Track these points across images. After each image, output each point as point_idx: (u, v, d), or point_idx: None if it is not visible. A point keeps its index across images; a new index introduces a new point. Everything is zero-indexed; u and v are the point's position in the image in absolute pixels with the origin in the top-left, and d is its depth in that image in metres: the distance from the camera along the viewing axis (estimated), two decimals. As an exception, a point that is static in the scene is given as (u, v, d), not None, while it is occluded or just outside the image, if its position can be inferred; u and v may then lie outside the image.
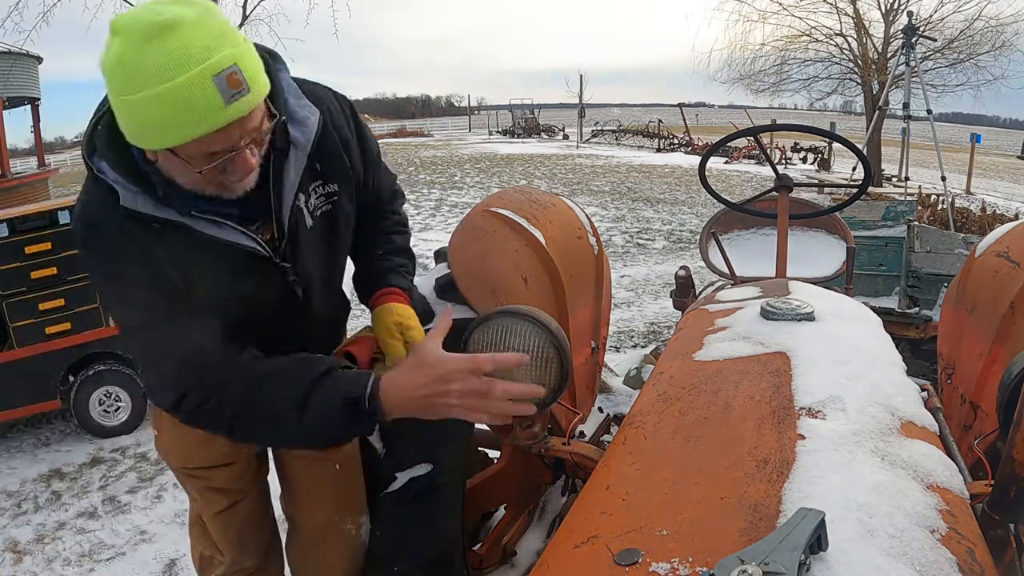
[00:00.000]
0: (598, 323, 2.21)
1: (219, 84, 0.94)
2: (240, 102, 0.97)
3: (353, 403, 1.07)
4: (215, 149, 1.00)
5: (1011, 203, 13.08)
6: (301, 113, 1.20)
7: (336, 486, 1.58)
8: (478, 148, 27.13)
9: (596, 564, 0.85)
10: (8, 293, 3.60)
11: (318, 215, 1.29)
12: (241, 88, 0.96)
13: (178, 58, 0.92)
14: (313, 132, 1.20)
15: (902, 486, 0.91)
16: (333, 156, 1.27)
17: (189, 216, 1.09)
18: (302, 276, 1.28)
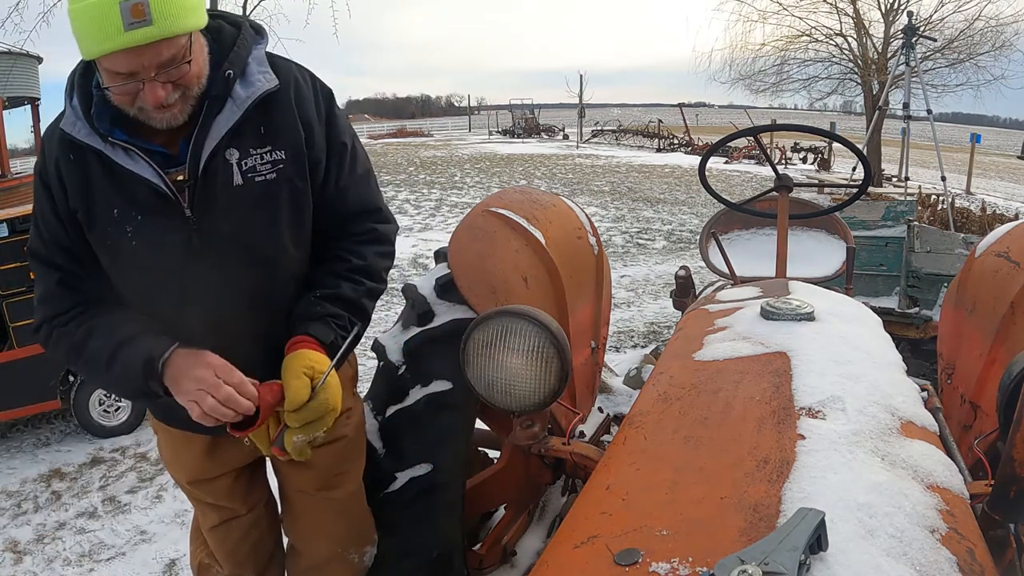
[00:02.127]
0: (598, 323, 2.21)
1: (123, 8, 1.02)
2: (138, 32, 1.04)
3: (150, 362, 1.19)
4: (119, 70, 1.09)
5: (1011, 203, 13.08)
6: (254, 76, 1.24)
7: (341, 521, 1.54)
8: (478, 148, 27.12)
9: (596, 564, 0.85)
10: (8, 293, 3.60)
11: (255, 179, 1.25)
12: (143, 19, 1.03)
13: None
14: (258, 92, 1.23)
15: (902, 486, 0.91)
16: (285, 125, 1.27)
17: (108, 143, 1.18)
18: (210, 232, 1.23)
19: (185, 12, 1.09)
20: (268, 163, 1.25)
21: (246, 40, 1.25)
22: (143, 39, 1.05)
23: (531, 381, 1.23)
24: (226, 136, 1.20)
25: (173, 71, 1.12)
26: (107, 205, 1.21)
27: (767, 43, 15.93)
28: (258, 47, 1.27)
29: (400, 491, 1.59)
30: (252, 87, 1.23)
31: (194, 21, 1.12)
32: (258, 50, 1.27)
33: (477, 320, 1.25)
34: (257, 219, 1.26)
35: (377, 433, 1.67)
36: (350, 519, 1.55)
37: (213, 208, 1.22)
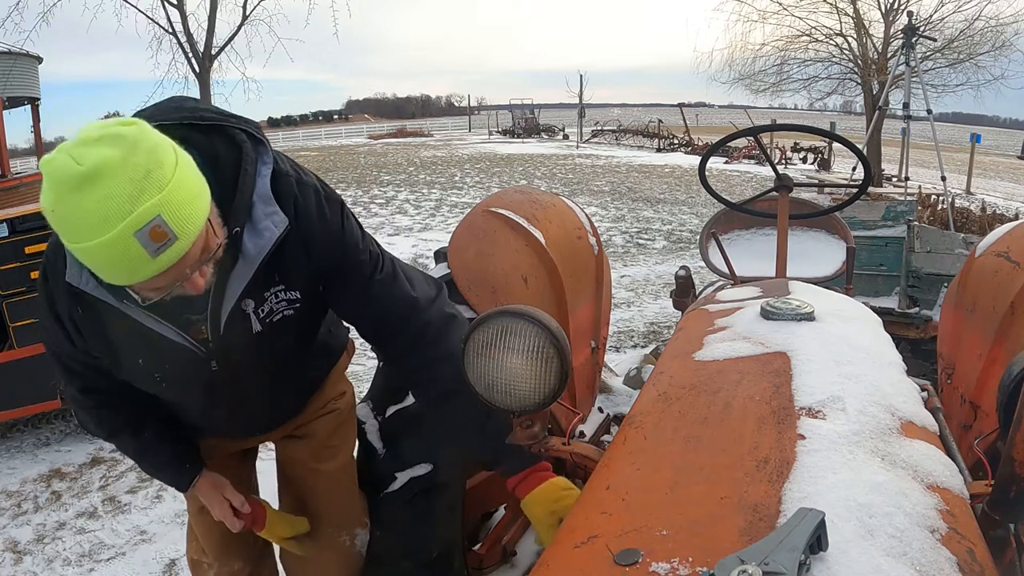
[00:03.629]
0: (598, 323, 2.21)
1: (142, 239, 0.91)
2: (167, 252, 0.94)
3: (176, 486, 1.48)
4: (159, 286, 1.00)
5: (1011, 203, 13.08)
6: (263, 223, 1.16)
7: (331, 497, 1.58)
8: (478, 148, 27.12)
9: (596, 564, 0.85)
10: (8, 293, 3.60)
11: (273, 320, 1.27)
12: (166, 239, 0.93)
13: (102, 214, 0.89)
14: (268, 245, 1.16)
15: (902, 486, 0.91)
16: (297, 265, 1.24)
17: (122, 303, 1.12)
18: (235, 370, 1.30)
19: (199, 204, 0.99)
20: (284, 302, 1.27)
21: (248, 174, 1.15)
22: (176, 257, 0.96)
23: (531, 381, 1.23)
24: (242, 292, 1.20)
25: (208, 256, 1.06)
26: (131, 355, 1.21)
27: (767, 43, 15.94)
28: (261, 177, 1.17)
29: (400, 491, 1.59)
30: (262, 239, 1.16)
31: (206, 203, 1.02)
32: (262, 182, 1.17)
33: (477, 320, 1.25)
34: (279, 349, 1.33)
35: (377, 433, 1.67)
36: (340, 495, 1.58)
37: (236, 354, 1.27)
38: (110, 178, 0.89)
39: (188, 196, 0.96)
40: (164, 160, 0.94)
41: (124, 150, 0.90)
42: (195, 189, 0.99)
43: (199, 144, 1.09)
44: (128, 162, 0.90)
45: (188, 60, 7.58)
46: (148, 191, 0.90)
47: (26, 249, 3.57)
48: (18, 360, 3.64)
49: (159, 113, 1.11)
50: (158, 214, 0.91)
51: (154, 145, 0.94)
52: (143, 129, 0.94)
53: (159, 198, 0.91)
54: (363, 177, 17.59)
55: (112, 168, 0.89)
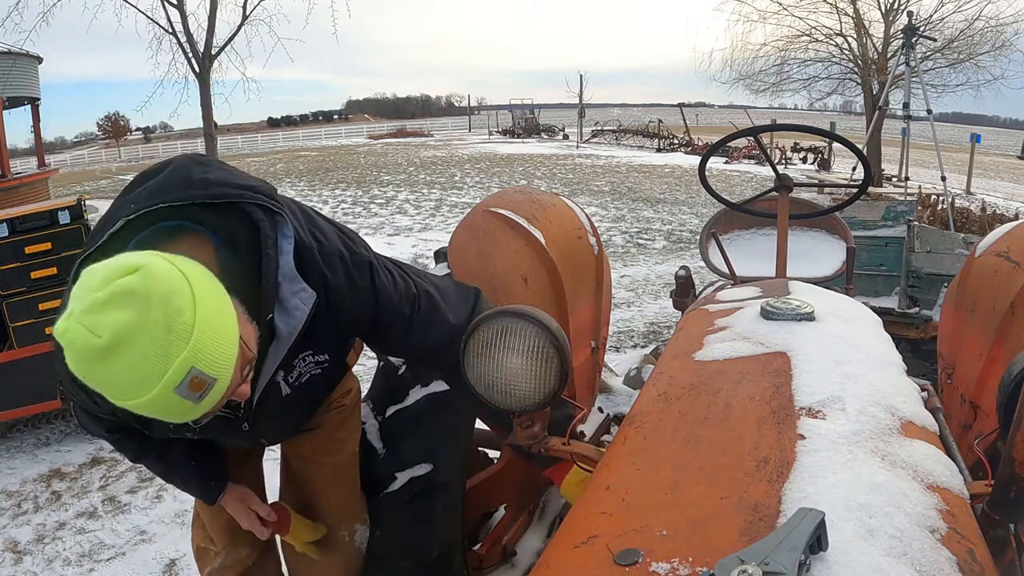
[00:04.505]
0: (598, 323, 2.21)
1: (182, 393, 0.88)
2: (210, 395, 0.92)
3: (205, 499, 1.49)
4: (207, 413, 0.97)
5: (1011, 203, 13.08)
6: (292, 301, 1.12)
7: (333, 490, 1.58)
8: (478, 148, 27.13)
9: (596, 564, 0.85)
10: (8, 293, 3.60)
11: (303, 381, 1.28)
12: (206, 386, 0.90)
13: (135, 379, 0.86)
14: (300, 324, 1.14)
15: (902, 486, 0.91)
16: (326, 332, 1.23)
17: None
18: (264, 427, 1.34)
19: (228, 336, 0.93)
20: (312, 364, 1.28)
21: (271, 258, 1.08)
22: (219, 396, 0.94)
23: (531, 381, 1.23)
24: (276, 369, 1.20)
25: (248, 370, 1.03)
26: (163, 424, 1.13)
27: (767, 43, 15.92)
28: (284, 255, 1.11)
29: (400, 491, 1.59)
30: (292, 318, 1.13)
31: (233, 329, 0.95)
32: (285, 260, 1.11)
33: (477, 320, 1.25)
34: (305, 402, 1.37)
35: (377, 433, 1.67)
36: (341, 489, 1.59)
37: (266, 416, 1.30)
38: (133, 345, 0.84)
39: (216, 334, 0.91)
40: (182, 305, 0.87)
41: (138, 310, 0.84)
42: (221, 321, 0.93)
43: (215, 226, 1.04)
44: (146, 322, 0.84)
45: (188, 60, 7.58)
46: (176, 345, 0.86)
47: (26, 249, 3.57)
48: (18, 360, 3.64)
49: (168, 189, 1.05)
50: (191, 366, 0.87)
51: (167, 291, 0.87)
52: (149, 272, 0.87)
53: (188, 350, 0.87)
54: (363, 177, 17.59)
55: (132, 334, 0.84)
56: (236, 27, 7.89)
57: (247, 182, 1.12)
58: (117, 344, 0.83)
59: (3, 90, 9.37)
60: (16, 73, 10.11)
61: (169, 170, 1.10)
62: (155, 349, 0.85)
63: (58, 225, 3.62)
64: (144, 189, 1.07)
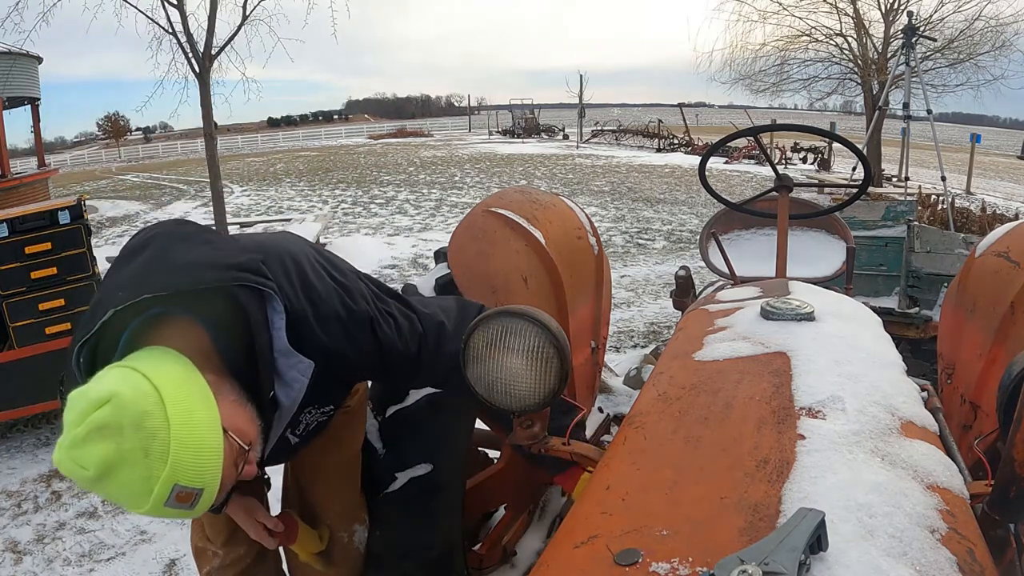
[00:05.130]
0: (598, 323, 2.21)
1: (172, 505, 0.94)
2: (201, 502, 0.97)
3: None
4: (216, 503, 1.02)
5: (1011, 203, 13.08)
6: (289, 374, 1.14)
7: (332, 489, 1.58)
8: (478, 148, 27.13)
9: (596, 564, 0.85)
10: (8, 293, 3.60)
11: (310, 430, 1.32)
12: (193, 495, 0.95)
13: (127, 498, 0.93)
14: (300, 395, 1.17)
15: (902, 486, 0.91)
16: (329, 387, 1.25)
17: None
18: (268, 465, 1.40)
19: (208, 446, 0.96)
20: (318, 414, 1.31)
21: (263, 340, 1.08)
22: (211, 499, 0.98)
23: (531, 381, 1.22)
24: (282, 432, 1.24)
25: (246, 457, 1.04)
26: None
27: (767, 43, 15.92)
28: (276, 330, 1.11)
29: (400, 491, 1.59)
30: (292, 390, 1.16)
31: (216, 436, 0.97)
32: (278, 336, 1.11)
33: (477, 320, 1.25)
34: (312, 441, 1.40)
35: (377, 433, 1.67)
36: (342, 489, 1.59)
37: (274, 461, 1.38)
38: (117, 473, 0.91)
39: (195, 449, 0.94)
40: (155, 428, 0.92)
41: (115, 442, 0.90)
42: (198, 434, 0.95)
43: (203, 313, 1.05)
44: (124, 452, 0.90)
45: (188, 60, 7.56)
46: (155, 468, 0.91)
47: (26, 249, 3.57)
48: (18, 360, 3.64)
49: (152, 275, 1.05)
50: (173, 484, 0.93)
51: (138, 418, 0.91)
52: (119, 402, 0.91)
53: (168, 471, 0.92)
54: (363, 177, 17.59)
55: (113, 465, 0.90)
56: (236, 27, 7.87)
57: (230, 260, 1.09)
58: (103, 475, 0.91)
59: (3, 90, 9.37)
60: (16, 73, 10.11)
61: (150, 251, 1.09)
62: (138, 473, 0.92)
63: (58, 225, 3.62)
64: (128, 272, 1.07)
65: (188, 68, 7.64)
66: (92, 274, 3.77)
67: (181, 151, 42.19)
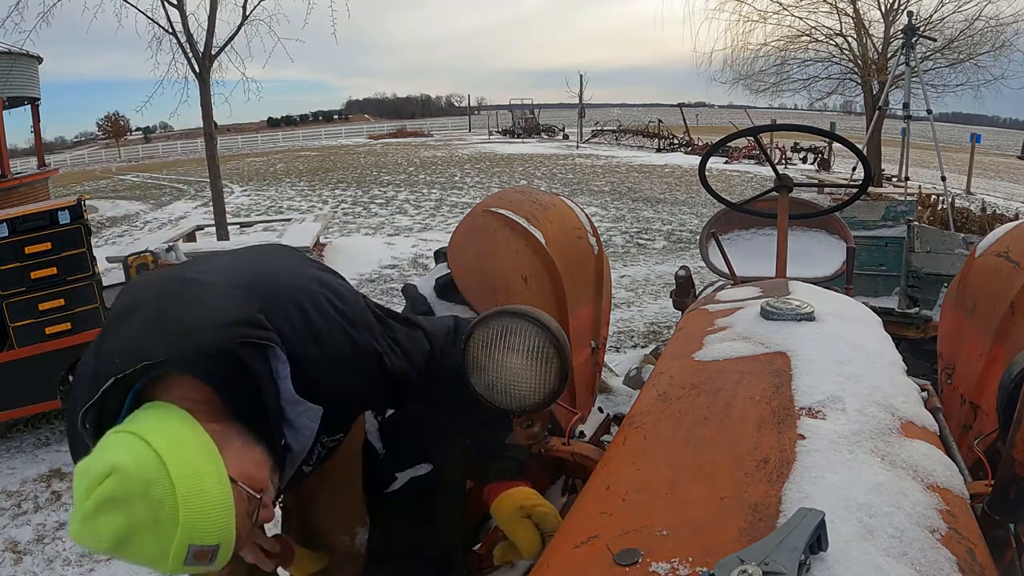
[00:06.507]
0: (598, 323, 2.21)
1: (192, 563, 0.94)
2: (220, 556, 0.96)
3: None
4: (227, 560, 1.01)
5: (1011, 203, 13.08)
6: (299, 421, 1.15)
7: (332, 490, 1.58)
8: (478, 148, 27.14)
9: (596, 564, 0.85)
10: (8, 293, 3.60)
11: (321, 457, 1.32)
12: (210, 554, 0.95)
13: (147, 562, 0.94)
14: (311, 439, 1.17)
15: (902, 486, 0.91)
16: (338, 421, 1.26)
17: None
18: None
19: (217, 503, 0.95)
20: (329, 441, 1.31)
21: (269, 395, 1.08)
22: (229, 553, 0.98)
23: (531, 381, 1.22)
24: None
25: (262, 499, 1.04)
26: None
27: (767, 43, 15.93)
28: (282, 380, 1.10)
29: (400, 491, 1.59)
30: (303, 435, 1.16)
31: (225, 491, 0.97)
32: (285, 387, 1.10)
33: (477, 320, 1.25)
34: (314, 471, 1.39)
35: (377, 433, 1.67)
36: (342, 491, 1.58)
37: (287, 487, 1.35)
38: (131, 543, 0.92)
39: (203, 509, 0.94)
40: (161, 496, 0.92)
41: (124, 514, 0.91)
42: (206, 494, 0.95)
43: (205, 371, 1.03)
44: (134, 523, 0.91)
45: (188, 60, 7.57)
46: (167, 533, 0.92)
47: (26, 249, 3.57)
48: (18, 360, 3.64)
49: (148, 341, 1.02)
50: (188, 546, 0.93)
51: (143, 487, 0.91)
52: (122, 475, 0.91)
53: (180, 534, 0.92)
54: (363, 177, 17.59)
55: (126, 536, 0.92)
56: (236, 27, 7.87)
57: (228, 316, 1.06)
58: (119, 544, 0.92)
59: (3, 90, 9.38)
60: (16, 73, 10.12)
61: (142, 316, 1.07)
62: (152, 541, 0.92)
63: (58, 225, 3.62)
64: (125, 335, 1.05)
65: (188, 68, 7.64)
66: (92, 274, 3.78)
67: (181, 151, 42.21)
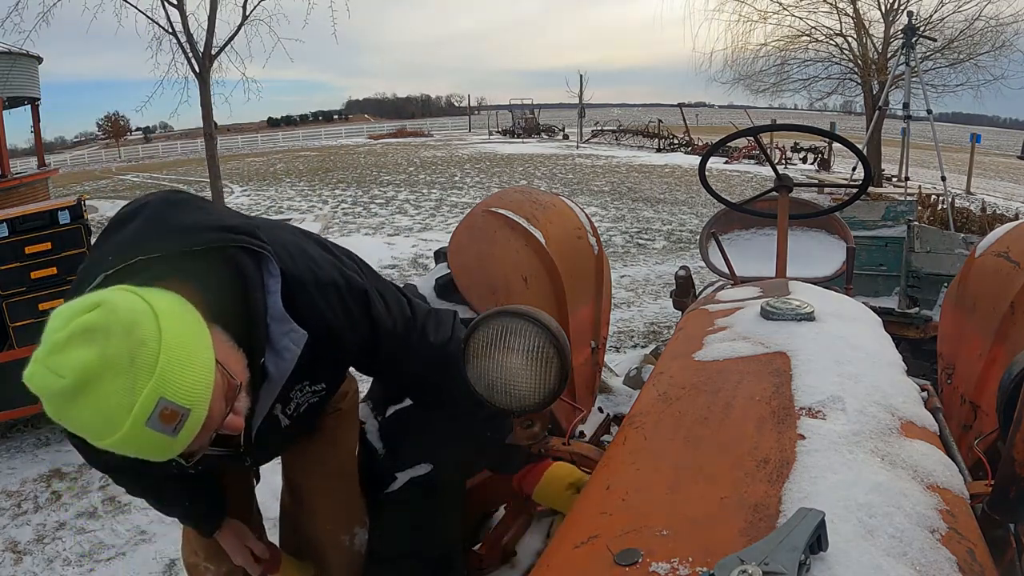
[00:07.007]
0: (598, 323, 2.21)
1: (154, 426, 0.85)
2: (186, 427, 0.89)
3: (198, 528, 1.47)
4: (195, 448, 0.95)
5: (1011, 203, 13.07)
6: (282, 342, 1.11)
7: (331, 492, 1.58)
8: (478, 148, 27.14)
9: (596, 564, 0.85)
10: (8, 293, 3.60)
11: (301, 411, 1.29)
12: (179, 417, 0.87)
13: (104, 416, 0.84)
14: (291, 365, 1.13)
15: (902, 486, 0.91)
16: (323, 365, 1.22)
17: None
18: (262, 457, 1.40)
19: (199, 363, 0.90)
20: (310, 393, 1.28)
21: (257, 301, 1.06)
22: (197, 426, 0.90)
23: (531, 381, 1.23)
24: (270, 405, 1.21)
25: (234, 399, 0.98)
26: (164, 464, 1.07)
27: (767, 43, 15.93)
28: (271, 295, 1.08)
29: (400, 491, 1.59)
30: (283, 360, 1.12)
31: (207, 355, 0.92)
32: (272, 300, 1.08)
33: (477, 320, 1.25)
34: (304, 426, 1.39)
35: (377, 433, 1.67)
36: (341, 492, 1.58)
37: (267, 447, 1.34)
38: (96, 382, 0.83)
39: (185, 362, 0.88)
40: (145, 336, 0.85)
41: (98, 345, 0.83)
42: (189, 349, 0.89)
43: (198, 274, 1.01)
44: (107, 357, 0.83)
45: (188, 60, 7.57)
46: (140, 378, 0.84)
47: (26, 249, 3.57)
48: (18, 360, 3.63)
49: (144, 239, 1.01)
50: (159, 397, 0.85)
51: (128, 323, 0.85)
52: (110, 307, 0.86)
53: (154, 381, 0.85)
54: (363, 177, 17.59)
55: (94, 371, 0.83)
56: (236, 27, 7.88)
57: (226, 222, 1.07)
58: (81, 383, 0.82)
59: (3, 90, 9.38)
60: (16, 73, 10.11)
61: (143, 217, 1.06)
62: (120, 384, 0.83)
63: (58, 225, 3.62)
64: (120, 237, 1.04)
65: (188, 68, 7.65)
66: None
67: (181, 151, 42.22)
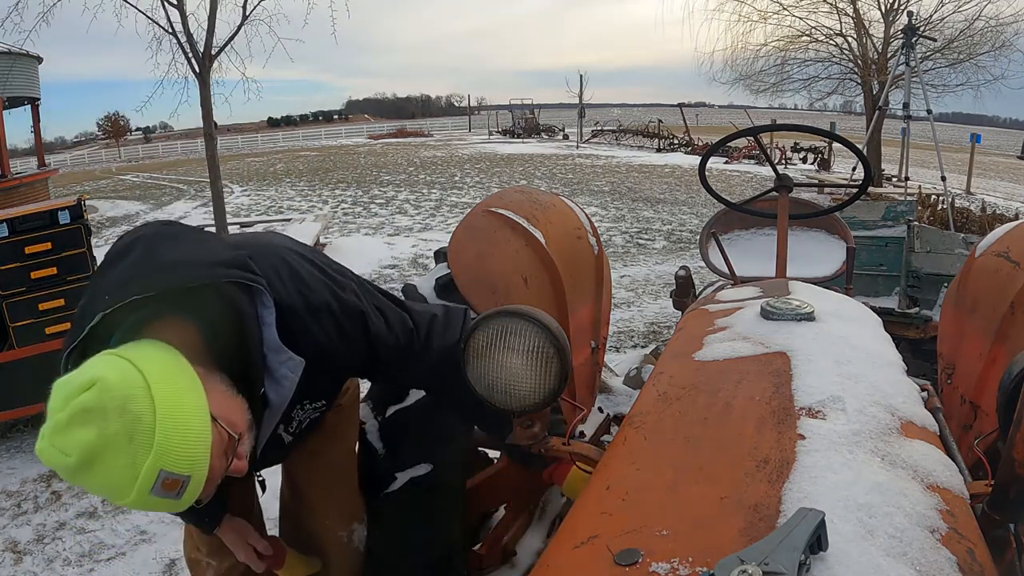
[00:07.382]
0: (598, 323, 2.21)
1: (159, 493, 0.91)
2: (188, 490, 0.94)
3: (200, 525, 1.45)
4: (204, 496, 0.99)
5: (1011, 203, 13.07)
6: (280, 371, 1.14)
7: (329, 487, 1.58)
8: (478, 148, 27.15)
9: (596, 564, 0.85)
10: (8, 293, 3.60)
11: (303, 427, 1.32)
12: (180, 484, 0.92)
13: (112, 487, 0.90)
14: (290, 392, 1.16)
15: (902, 486, 0.91)
16: (322, 383, 1.25)
17: None
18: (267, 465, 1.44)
19: (195, 431, 0.93)
20: (311, 410, 1.31)
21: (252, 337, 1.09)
22: (199, 488, 0.95)
23: (531, 381, 1.23)
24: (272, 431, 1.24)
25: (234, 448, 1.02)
26: None
27: (767, 43, 15.93)
28: (266, 327, 1.10)
29: (400, 491, 1.59)
30: (282, 387, 1.15)
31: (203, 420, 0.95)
32: (268, 332, 1.11)
33: (477, 320, 1.25)
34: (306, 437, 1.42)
35: (377, 433, 1.67)
36: (339, 488, 1.59)
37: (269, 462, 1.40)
38: (101, 459, 0.88)
39: (180, 431, 0.92)
40: (140, 412, 0.90)
41: (98, 426, 0.88)
42: (184, 416, 0.93)
43: (193, 311, 1.03)
44: (106, 437, 0.88)
45: (188, 60, 7.56)
46: (140, 454, 0.89)
47: (26, 249, 3.57)
48: (18, 360, 3.64)
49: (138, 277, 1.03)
50: (159, 469, 0.90)
51: (122, 401, 0.89)
52: (104, 385, 0.89)
53: (153, 456, 0.89)
54: (363, 177, 17.59)
55: (97, 450, 0.88)
56: (236, 27, 7.86)
57: (218, 257, 1.08)
58: (87, 461, 0.88)
59: (3, 90, 9.38)
60: (16, 73, 10.11)
61: (137, 253, 1.08)
62: (122, 460, 0.89)
63: (58, 225, 3.62)
64: (116, 274, 1.06)
65: (188, 68, 7.63)
66: (92, 274, 3.77)
67: (181, 151, 42.21)
